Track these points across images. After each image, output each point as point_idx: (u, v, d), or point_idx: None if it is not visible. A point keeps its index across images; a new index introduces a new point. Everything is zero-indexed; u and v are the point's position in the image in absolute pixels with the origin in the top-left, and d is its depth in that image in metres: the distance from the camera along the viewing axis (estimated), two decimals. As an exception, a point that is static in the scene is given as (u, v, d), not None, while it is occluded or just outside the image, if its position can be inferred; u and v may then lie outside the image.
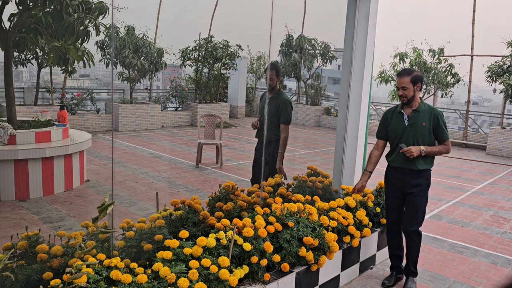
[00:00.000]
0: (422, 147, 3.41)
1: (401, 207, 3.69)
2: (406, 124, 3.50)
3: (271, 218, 3.15)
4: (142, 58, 12.07)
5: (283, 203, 3.53)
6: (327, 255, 3.26)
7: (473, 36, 13.19)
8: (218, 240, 2.76)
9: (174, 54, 13.56)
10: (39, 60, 10.53)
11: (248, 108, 17.19)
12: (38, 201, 5.52)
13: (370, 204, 4.05)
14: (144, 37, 12.25)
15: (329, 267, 3.48)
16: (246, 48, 17.07)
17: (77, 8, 5.24)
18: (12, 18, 5.58)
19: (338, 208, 3.69)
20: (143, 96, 14.15)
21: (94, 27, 5.59)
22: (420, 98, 3.56)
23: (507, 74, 11.71)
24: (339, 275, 3.67)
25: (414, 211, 3.60)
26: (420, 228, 3.69)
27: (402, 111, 3.56)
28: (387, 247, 3.98)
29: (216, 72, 14.47)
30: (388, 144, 3.77)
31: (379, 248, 4.22)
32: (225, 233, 2.83)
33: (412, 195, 3.55)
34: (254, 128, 4.69)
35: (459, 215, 6.11)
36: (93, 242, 2.63)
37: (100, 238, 2.71)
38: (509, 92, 11.57)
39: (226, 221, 2.97)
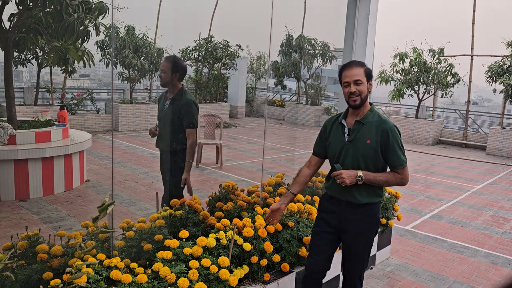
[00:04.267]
0: (360, 173, 2.45)
1: (331, 247, 2.71)
2: (346, 139, 2.54)
3: (271, 218, 3.15)
4: (142, 58, 12.07)
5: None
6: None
7: (473, 36, 13.19)
8: (218, 240, 2.76)
9: (174, 54, 13.57)
10: (39, 60, 10.53)
11: (248, 108, 17.19)
12: (38, 201, 5.51)
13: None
14: (144, 37, 12.25)
15: (329, 267, 3.47)
16: (246, 48, 17.08)
17: (77, 8, 5.24)
18: (12, 18, 5.57)
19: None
20: (143, 96, 14.15)
21: (94, 27, 5.59)
22: (370, 103, 2.61)
23: (507, 74, 11.72)
24: (339, 275, 3.67)
25: (354, 258, 2.66)
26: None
27: (343, 121, 2.60)
28: None
29: (216, 72, 14.47)
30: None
31: (379, 248, 4.22)
32: (225, 233, 2.83)
33: (350, 236, 2.60)
34: (152, 135, 3.88)
35: (459, 215, 6.11)
36: (93, 242, 2.63)
37: (100, 238, 2.71)
38: (509, 92, 11.57)
39: (226, 221, 2.97)
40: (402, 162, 2.50)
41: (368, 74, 2.54)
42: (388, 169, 2.59)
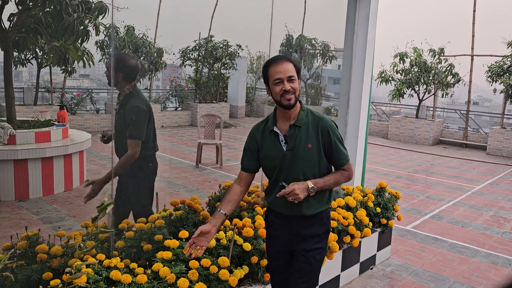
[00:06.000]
0: (310, 184, 2.17)
1: (289, 263, 2.43)
2: (284, 149, 2.23)
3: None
4: (142, 58, 12.07)
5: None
6: (327, 255, 3.26)
7: (473, 36, 13.19)
8: (218, 240, 2.76)
9: (174, 54, 13.59)
10: (39, 60, 10.53)
11: (248, 108, 17.18)
12: (37, 201, 5.51)
13: (370, 204, 4.04)
14: (144, 37, 12.26)
15: (329, 267, 3.47)
16: (246, 48, 17.09)
17: (77, 8, 5.24)
18: (12, 18, 5.57)
19: (338, 208, 3.69)
20: (143, 96, 14.14)
21: (94, 27, 5.58)
22: (299, 101, 2.28)
23: (507, 74, 11.71)
24: (339, 275, 3.67)
25: (308, 274, 2.35)
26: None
27: (275, 128, 2.27)
28: None
29: (216, 72, 14.47)
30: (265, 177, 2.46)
31: (379, 248, 4.22)
32: (225, 233, 2.83)
33: (305, 253, 2.32)
34: (105, 142, 3.48)
35: (459, 215, 6.11)
36: (92, 242, 2.63)
37: (100, 238, 2.71)
38: (510, 92, 11.57)
39: (226, 221, 2.97)
40: (347, 157, 2.30)
41: (298, 70, 2.25)
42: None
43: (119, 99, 3.30)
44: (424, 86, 13.01)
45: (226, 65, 14.29)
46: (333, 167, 2.34)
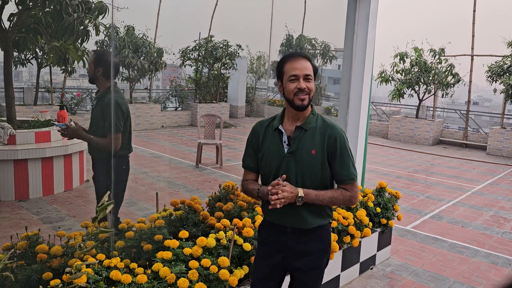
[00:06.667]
0: (301, 192, 1.95)
1: (279, 284, 2.24)
2: (286, 150, 2.04)
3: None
4: (142, 58, 12.07)
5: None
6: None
7: (473, 36, 13.19)
8: (218, 240, 2.76)
9: (174, 54, 13.59)
10: (39, 60, 10.52)
11: (248, 108, 17.19)
12: (37, 201, 5.51)
13: (370, 204, 4.05)
14: (144, 37, 12.25)
15: (329, 267, 3.45)
16: (246, 48, 17.10)
17: (77, 8, 5.24)
18: (12, 18, 5.57)
19: (338, 208, 3.69)
20: (143, 96, 14.15)
21: (94, 27, 5.58)
22: (311, 105, 2.09)
23: (507, 74, 11.72)
24: (339, 275, 3.67)
25: None
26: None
27: (280, 127, 2.08)
28: None
29: (216, 72, 14.47)
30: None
31: (379, 248, 4.22)
32: (225, 233, 2.83)
33: (302, 274, 2.12)
34: (66, 136, 3.24)
35: (459, 215, 6.11)
36: (92, 242, 2.63)
37: (100, 238, 2.71)
38: (510, 92, 11.57)
39: (226, 221, 2.97)
40: (352, 175, 2.04)
41: (316, 71, 2.06)
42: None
43: (97, 94, 3.26)
44: (424, 86, 13.01)
45: (226, 65, 14.29)
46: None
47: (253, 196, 2.15)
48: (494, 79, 12.05)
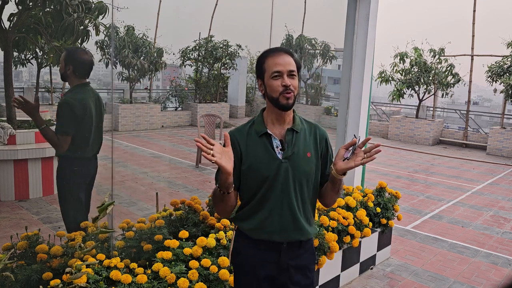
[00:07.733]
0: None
1: None
2: (281, 157, 1.81)
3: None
4: (142, 58, 12.07)
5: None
6: (327, 255, 3.26)
7: (473, 36, 13.19)
8: (218, 240, 2.75)
9: (174, 54, 13.59)
10: (39, 60, 10.51)
11: (248, 108, 17.19)
12: (37, 201, 5.51)
13: (370, 204, 4.04)
14: (144, 37, 12.26)
15: (329, 267, 3.47)
16: (246, 48, 17.09)
17: (77, 8, 5.24)
18: (12, 18, 5.57)
19: (338, 208, 3.69)
20: (143, 96, 14.16)
21: (94, 27, 5.58)
22: None
23: (507, 74, 11.72)
24: (339, 275, 3.67)
25: None
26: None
27: (268, 131, 1.83)
28: None
29: (216, 72, 14.48)
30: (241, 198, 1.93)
31: (379, 248, 4.22)
32: (225, 233, 2.83)
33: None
34: (18, 106, 2.95)
35: (459, 215, 6.11)
36: (92, 242, 2.63)
37: (100, 238, 2.71)
38: (510, 92, 11.57)
39: (226, 221, 2.97)
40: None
41: (299, 68, 1.84)
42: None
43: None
44: (424, 86, 13.02)
45: (226, 65, 14.30)
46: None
47: (219, 196, 1.75)
48: (494, 79, 12.06)
